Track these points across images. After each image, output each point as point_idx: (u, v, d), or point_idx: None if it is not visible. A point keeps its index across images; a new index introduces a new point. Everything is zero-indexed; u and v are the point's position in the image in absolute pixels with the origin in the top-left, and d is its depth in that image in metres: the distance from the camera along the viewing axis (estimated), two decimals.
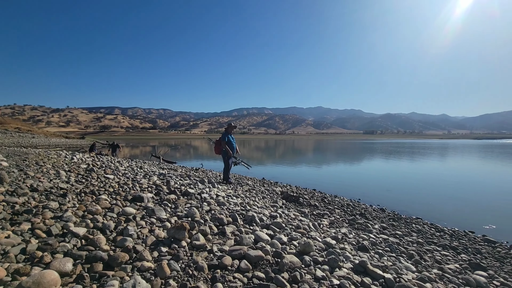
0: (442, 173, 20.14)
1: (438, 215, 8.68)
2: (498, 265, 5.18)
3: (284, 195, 8.53)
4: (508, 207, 9.91)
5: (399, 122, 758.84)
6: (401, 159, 31.53)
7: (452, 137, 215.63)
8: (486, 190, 13.31)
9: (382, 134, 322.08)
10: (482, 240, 6.53)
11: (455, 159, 32.34)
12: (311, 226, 4.86)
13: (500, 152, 44.23)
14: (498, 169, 23.39)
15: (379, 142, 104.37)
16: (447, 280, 3.63)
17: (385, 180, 16.19)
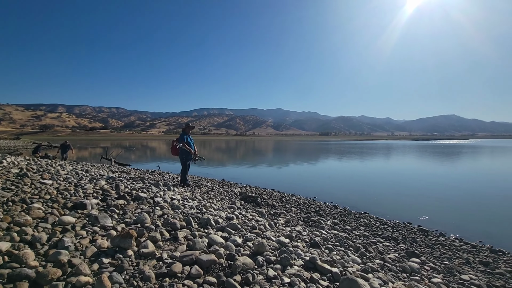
0: (386, 170, 22.25)
1: (382, 209, 9.54)
2: (429, 251, 5.87)
3: (243, 196, 8.54)
4: (439, 199, 11.33)
5: (351, 124, 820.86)
6: (352, 158, 34.01)
7: (395, 138, 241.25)
8: (421, 185, 15.05)
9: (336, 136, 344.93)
10: (417, 230, 7.34)
11: (397, 158, 36.00)
12: (267, 226, 4.93)
13: (432, 151, 50.48)
14: (430, 165, 26.67)
15: (334, 143, 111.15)
16: (387, 269, 3.98)
17: (338, 179, 17.29)
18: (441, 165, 27.54)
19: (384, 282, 3.08)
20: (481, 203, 10.87)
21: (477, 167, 25.59)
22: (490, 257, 5.68)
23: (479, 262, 5.36)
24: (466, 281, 3.99)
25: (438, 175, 19.72)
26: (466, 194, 12.66)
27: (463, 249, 6.12)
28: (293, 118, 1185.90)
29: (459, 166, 27.01)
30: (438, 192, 12.85)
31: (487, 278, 4.68)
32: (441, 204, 10.52)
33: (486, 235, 7.09)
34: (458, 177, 18.84)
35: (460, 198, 11.66)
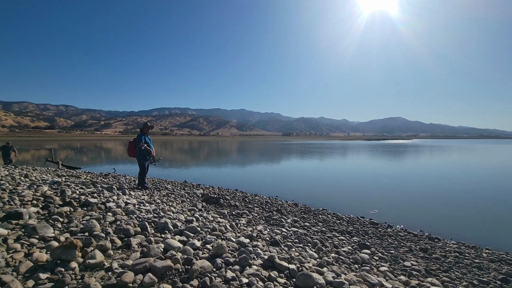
0: (341, 169, 23.71)
1: (339, 205, 10.12)
2: (379, 242, 6.38)
3: (205, 197, 8.38)
4: (387, 194, 12.41)
5: (311, 125, 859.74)
6: (312, 158, 35.58)
7: (350, 139, 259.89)
8: (372, 181, 16.34)
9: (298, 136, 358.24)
10: (369, 223, 7.93)
11: (351, 157, 38.60)
12: (228, 227, 4.90)
13: (381, 150, 55.22)
14: (380, 163, 29.12)
15: (295, 143, 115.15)
16: (341, 262, 4.23)
17: (299, 178, 17.93)
18: (388, 163, 30.23)
19: (337, 274, 3.27)
20: (421, 196, 12.17)
21: (418, 164, 28.64)
22: (428, 244, 6.37)
23: (420, 249, 5.98)
24: (408, 267, 4.42)
25: (386, 172, 21.59)
26: (409, 188, 14.07)
27: (407, 238, 6.78)
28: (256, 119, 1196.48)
29: (403, 163, 29.96)
30: (386, 188, 14.09)
31: (426, 262, 5.24)
32: (389, 199, 11.55)
33: (425, 225, 7.94)
34: (402, 173, 20.84)
35: (404, 193, 12.90)
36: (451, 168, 24.83)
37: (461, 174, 20.34)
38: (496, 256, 5.69)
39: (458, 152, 48.84)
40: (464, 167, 25.57)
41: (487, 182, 16.31)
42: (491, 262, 5.41)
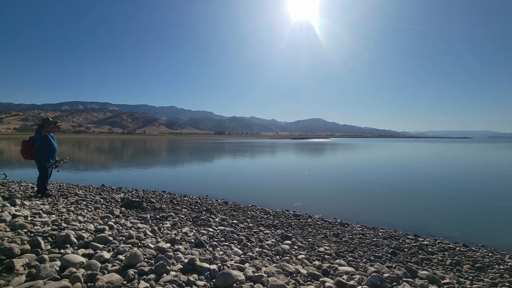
0: (270, 165, 25.07)
1: (266, 200, 10.61)
2: (300, 232, 6.94)
3: (125, 202, 7.57)
4: (309, 187, 13.68)
5: (243, 124, 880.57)
6: (243, 156, 36.50)
7: (279, 138, 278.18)
8: (296, 176, 17.79)
9: (230, 135, 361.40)
10: (293, 215, 8.54)
11: (279, 154, 41.27)
12: (148, 232, 4.52)
13: (305, 148, 60.89)
14: (304, 160, 32.02)
15: (228, 141, 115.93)
16: (264, 255, 4.41)
17: (230, 175, 18.08)
18: (310, 159, 33.49)
19: (257, 268, 3.38)
20: (336, 187, 13.87)
21: (334, 159, 32.60)
22: (340, 229, 7.26)
23: (333, 235, 6.76)
24: (321, 252, 4.94)
25: (307, 167, 23.82)
26: (326, 181, 15.87)
27: (323, 226, 7.58)
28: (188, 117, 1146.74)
29: (322, 159, 33.64)
30: (308, 182, 15.54)
31: (337, 246, 5.95)
32: (310, 191, 12.77)
33: (339, 213, 9.03)
34: (321, 168, 23.36)
35: (322, 185, 14.48)
36: (359, 161, 29.14)
37: (366, 166, 24.07)
38: (388, 234, 6.90)
39: (364, 148, 57.93)
40: (369, 160, 30.39)
41: (385, 172, 19.75)
42: (384, 239, 6.52)
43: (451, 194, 12.33)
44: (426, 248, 6.00)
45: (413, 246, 6.10)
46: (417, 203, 10.67)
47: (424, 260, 5.40)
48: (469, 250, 6.00)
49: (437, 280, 3.97)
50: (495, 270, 5.00)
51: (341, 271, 3.92)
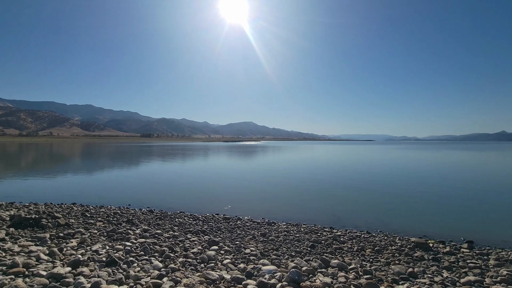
0: (201, 169, 24.57)
1: (196, 205, 10.27)
2: (229, 235, 6.92)
3: (15, 220, 6.16)
4: (238, 189, 13.88)
5: (173, 127, 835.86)
6: (173, 160, 34.74)
7: (211, 140, 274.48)
8: (226, 179, 17.88)
9: (159, 137, 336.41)
10: (223, 219, 8.47)
11: (210, 157, 40.92)
12: (43, 256, 3.76)
13: (237, 150, 62.13)
14: (234, 162, 32.52)
15: (156, 145, 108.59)
16: (188, 264, 4.21)
17: (157, 181, 16.82)
18: (240, 161, 34.27)
19: (176, 282, 3.18)
20: (265, 188, 14.47)
21: (263, 161, 34.16)
22: (267, 228, 7.56)
23: (261, 235, 6.98)
24: (247, 254, 5.02)
25: (238, 169, 24.29)
26: (255, 182, 16.44)
27: (252, 226, 7.76)
28: (109, 117, 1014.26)
29: (252, 161, 34.83)
30: (238, 184, 15.79)
31: (264, 245, 6.16)
32: (240, 193, 12.95)
33: (266, 212, 9.40)
34: (251, 169, 24.14)
35: (252, 186, 14.93)
36: (285, 162, 31.27)
37: (290, 166, 26.00)
38: (309, 229, 7.53)
39: (289, 150, 62.69)
40: (292, 161, 32.93)
41: (306, 171, 21.70)
42: (306, 234, 7.09)
43: (357, 188, 14.38)
44: (339, 238, 6.79)
45: (329, 237, 6.81)
46: (333, 198, 12.04)
47: (337, 249, 6.08)
48: (370, 236, 7.05)
49: (345, 267, 4.51)
50: (389, 251, 5.99)
51: (264, 270, 4.05)
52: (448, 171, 23.82)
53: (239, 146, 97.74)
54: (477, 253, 5.86)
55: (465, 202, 11.27)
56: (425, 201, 11.47)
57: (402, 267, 4.56)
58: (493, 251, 6.10)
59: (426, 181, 17.15)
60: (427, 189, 14.40)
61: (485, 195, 12.83)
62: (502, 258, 5.61)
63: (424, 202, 11.19)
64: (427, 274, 4.40)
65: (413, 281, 4.13)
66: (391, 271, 4.46)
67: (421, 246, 6.18)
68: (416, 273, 4.38)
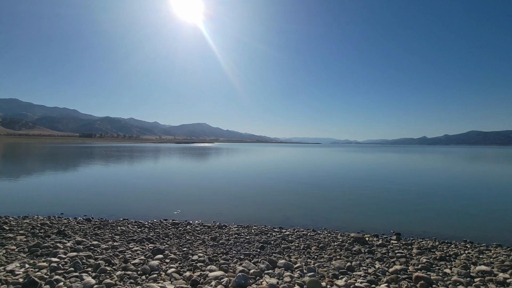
0: (149, 171, 23.21)
1: (143, 211, 9.59)
2: (177, 241, 6.61)
3: None
4: (190, 192, 13.45)
5: (119, 126, 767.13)
6: (118, 162, 32.06)
7: (162, 142, 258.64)
8: (177, 180, 17.20)
9: (102, 138, 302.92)
10: (171, 224, 8.07)
11: (160, 159, 39.02)
12: None
13: (190, 152, 60.43)
14: (186, 164, 31.53)
15: (98, 146, 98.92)
16: (127, 278, 3.87)
17: (98, 186, 15.19)
18: (192, 163, 33.43)
19: None
20: (214, 191, 14.27)
21: (215, 163, 33.83)
22: (218, 232, 7.43)
23: (211, 239, 6.83)
24: (195, 261, 4.85)
25: (189, 172, 23.61)
26: (207, 184, 16.13)
27: (203, 231, 7.54)
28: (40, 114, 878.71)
29: (203, 163, 34.25)
30: (188, 187, 15.28)
31: (214, 250, 6.03)
32: (190, 197, 12.51)
33: (217, 215, 9.27)
34: (202, 172, 23.67)
35: (203, 189, 14.60)
36: (237, 164, 31.44)
37: (242, 168, 26.24)
38: (259, 230, 7.64)
39: (242, 152, 63.39)
40: (244, 163, 33.31)
41: (256, 172, 22.12)
42: (256, 235, 7.17)
43: (305, 187, 15.19)
44: (287, 238, 7.03)
45: (278, 237, 7.00)
46: (283, 198, 12.47)
47: (285, 248, 6.28)
48: (316, 233, 7.47)
49: (291, 266, 4.68)
50: (331, 247, 6.41)
51: (211, 277, 3.95)
52: (382, 170, 26.76)
53: (191, 148, 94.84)
54: (403, 244, 6.66)
55: (395, 197, 12.77)
56: (364, 198, 12.65)
57: (341, 262, 4.91)
58: (415, 241, 6.99)
59: (364, 180, 18.96)
60: (365, 187, 15.91)
61: (410, 191, 14.71)
62: (423, 247, 6.47)
63: (362, 199, 12.33)
64: (363, 267, 4.82)
65: (351, 274, 4.47)
66: (332, 266, 4.77)
67: (359, 241, 6.77)
68: (353, 266, 4.76)
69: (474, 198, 13.26)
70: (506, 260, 5.63)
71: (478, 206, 11.44)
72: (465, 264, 5.17)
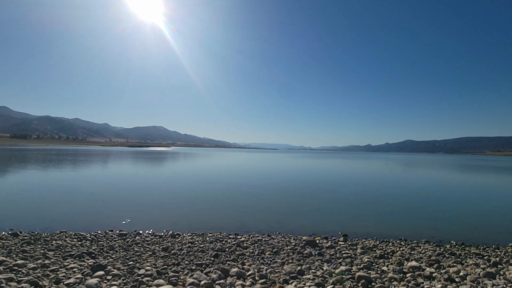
0: (93, 178, 21.29)
1: (85, 222, 8.67)
2: (124, 254, 6.11)
3: None
4: (141, 200, 12.62)
5: (62, 127, 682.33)
6: (58, 167, 28.72)
7: (113, 145, 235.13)
8: (126, 188, 16.06)
9: (40, 139, 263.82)
10: (118, 235, 7.44)
11: (108, 164, 36.17)
12: None
13: (144, 157, 57.14)
14: (140, 170, 29.73)
15: (34, 148, 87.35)
16: None
17: (29, 194, 13.16)
18: (145, 168, 31.65)
19: None
20: (168, 198, 13.66)
21: (170, 169, 32.55)
22: (170, 241, 7.08)
23: (162, 249, 6.48)
24: (141, 275, 4.53)
25: (141, 178, 22.31)
26: (158, 191, 15.35)
27: (154, 241, 7.11)
28: None
29: (158, 168, 32.73)
30: (138, 194, 14.19)
31: (164, 261, 5.72)
32: (140, 205, 11.52)
33: (171, 223, 8.84)
34: (154, 178, 22.57)
35: (153, 196, 13.81)
36: (192, 170, 30.69)
37: (197, 174, 25.68)
38: (214, 237, 7.48)
39: (201, 157, 62.16)
40: (200, 168, 32.67)
41: (213, 177, 21.84)
42: (211, 243, 7.00)
43: (260, 192, 15.42)
44: (242, 244, 7.01)
45: (233, 244, 6.94)
46: (239, 203, 12.39)
47: (240, 255, 6.25)
48: (271, 238, 7.60)
49: (243, 274, 4.66)
50: (285, 251, 6.57)
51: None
52: (332, 175, 28.60)
53: (145, 152, 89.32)
54: (349, 244, 7.14)
55: (344, 200, 13.70)
56: (316, 201, 13.31)
57: (292, 266, 5.06)
58: (360, 241, 7.57)
59: (317, 184, 20.02)
60: (317, 190, 16.79)
61: (357, 194, 15.95)
62: (366, 247, 7.03)
63: (315, 203, 12.95)
64: (312, 270, 5.04)
65: (300, 278, 4.63)
66: (283, 271, 4.88)
67: (310, 244, 7.07)
68: (303, 270, 4.94)
69: (409, 198, 14.91)
70: (433, 255, 6.41)
71: (413, 206, 12.90)
72: (399, 261, 5.75)
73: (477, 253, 6.68)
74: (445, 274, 4.85)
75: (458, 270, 5.05)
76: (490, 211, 12.23)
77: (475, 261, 6.06)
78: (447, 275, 4.78)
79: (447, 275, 4.81)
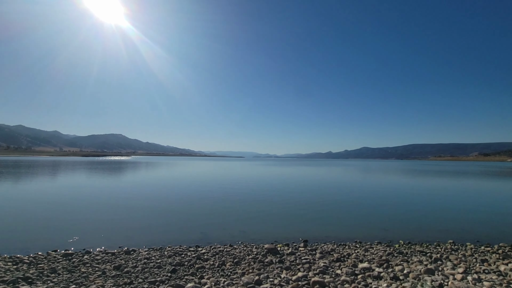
0: (37, 191, 19.23)
1: (22, 241, 7.71)
2: (68, 277, 5.54)
3: None
4: (91, 216, 11.62)
5: (2, 135, 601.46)
6: None
7: (64, 154, 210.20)
8: (75, 203, 14.72)
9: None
10: (62, 256, 6.72)
11: (57, 177, 33.02)
12: None
13: (97, 167, 53.15)
14: (94, 181, 27.57)
15: None
16: None
17: None
18: (99, 179, 29.49)
19: None
20: (122, 211, 12.80)
21: (126, 180, 30.77)
22: (124, 259, 6.60)
23: (114, 268, 6.01)
24: None
25: (96, 189, 20.70)
26: (110, 205, 14.30)
27: (104, 259, 6.57)
28: None
29: (114, 179, 30.74)
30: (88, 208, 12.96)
31: (115, 281, 5.31)
32: (90, 220, 10.53)
33: (125, 239, 8.25)
34: (108, 190, 21.12)
35: (105, 210, 12.82)
36: (155, 180, 29.37)
37: (160, 184, 24.64)
38: (173, 251, 7.16)
39: (162, 166, 59.73)
40: (158, 178, 31.38)
41: (175, 189, 21.09)
42: (169, 257, 6.69)
43: (222, 202, 15.23)
44: (203, 256, 6.81)
45: (193, 257, 6.70)
46: (199, 214, 11.94)
47: (199, 268, 6.06)
48: (232, 248, 7.50)
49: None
50: (246, 261, 6.53)
51: None
52: (294, 182, 29.47)
53: (101, 161, 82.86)
54: (309, 250, 7.36)
55: (305, 206, 14.14)
56: (278, 208, 13.50)
57: (250, 277, 5.05)
58: (319, 245, 7.85)
59: (280, 191, 20.43)
60: (279, 197, 17.11)
61: (317, 199, 16.59)
62: (325, 251, 7.30)
63: (277, 210, 13.13)
64: (270, 279, 5.08)
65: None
66: (241, 282, 4.84)
67: (271, 251, 7.13)
68: (261, 280, 4.96)
69: (365, 202, 15.92)
70: (383, 255, 6.89)
71: (367, 208, 13.80)
72: (354, 263, 6.08)
73: (421, 251, 7.35)
74: (391, 273, 5.24)
75: (403, 268, 5.51)
76: (433, 211, 13.57)
77: (419, 258, 6.66)
78: (393, 274, 5.18)
79: (393, 273, 5.21)
